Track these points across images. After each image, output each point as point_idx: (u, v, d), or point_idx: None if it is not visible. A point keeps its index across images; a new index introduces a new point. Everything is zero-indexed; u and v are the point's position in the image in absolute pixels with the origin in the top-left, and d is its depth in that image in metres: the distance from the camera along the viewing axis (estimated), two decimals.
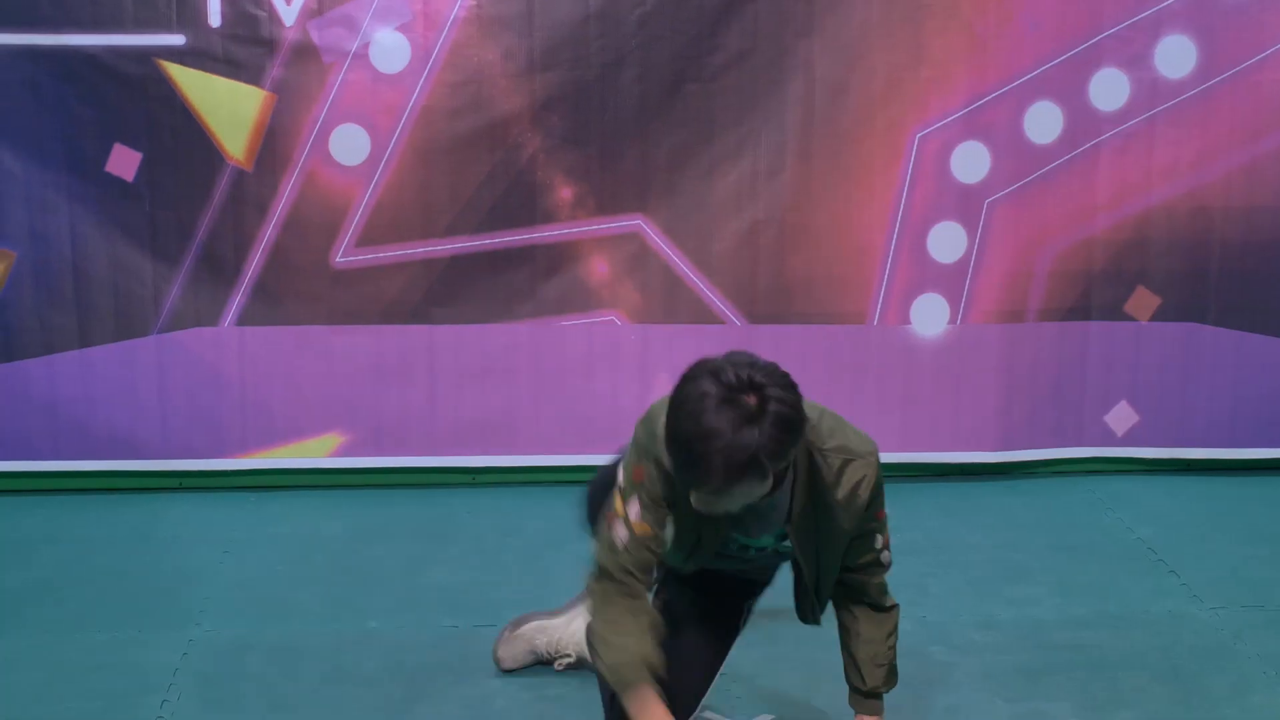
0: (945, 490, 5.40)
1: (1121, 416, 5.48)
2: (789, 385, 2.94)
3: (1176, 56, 5.24)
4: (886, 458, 3.36)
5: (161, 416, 5.28)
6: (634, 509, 3.14)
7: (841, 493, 3.15)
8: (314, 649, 4.17)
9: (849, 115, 5.21)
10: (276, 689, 3.94)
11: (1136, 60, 5.24)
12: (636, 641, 3.16)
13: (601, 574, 3.18)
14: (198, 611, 4.40)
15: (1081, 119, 5.26)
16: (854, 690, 3.41)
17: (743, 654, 3.71)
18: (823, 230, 5.27)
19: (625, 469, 3.18)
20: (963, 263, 5.32)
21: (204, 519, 5.14)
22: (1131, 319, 5.40)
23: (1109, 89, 5.25)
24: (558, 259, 5.27)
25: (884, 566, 3.34)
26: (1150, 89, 5.27)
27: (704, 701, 3.41)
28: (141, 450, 5.29)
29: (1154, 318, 5.40)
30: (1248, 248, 5.39)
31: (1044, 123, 5.24)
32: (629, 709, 3.15)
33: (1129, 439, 5.50)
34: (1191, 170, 5.33)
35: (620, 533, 3.16)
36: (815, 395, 5.32)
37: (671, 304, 5.31)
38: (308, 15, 5.11)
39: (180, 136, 5.13)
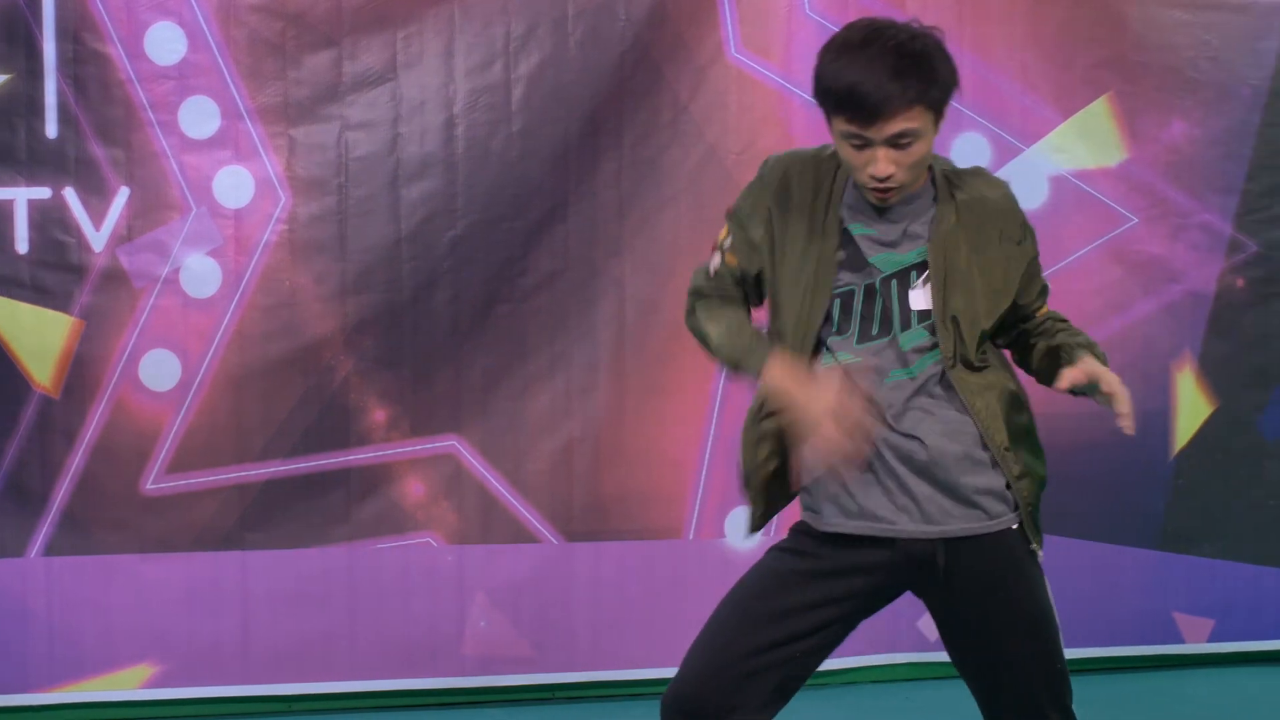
0: None
1: (932, 621, 5.53)
2: None
3: None
4: None
5: None
6: (729, 239, 3.27)
7: (988, 189, 3.25)
8: None
9: (661, 332, 5.30)
10: None
11: None
12: (735, 312, 3.26)
13: (697, 294, 3.32)
14: None
15: None
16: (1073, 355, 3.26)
17: None
18: (637, 446, 5.32)
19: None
20: None
21: None
22: None
23: None
24: (372, 481, 5.25)
25: (1048, 291, 3.44)
26: None
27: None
28: None
29: None
30: (1048, 453, 5.52)
31: None
32: (766, 376, 3.13)
33: (940, 644, 5.55)
34: None
35: (714, 261, 3.29)
36: (636, 613, 5.34)
37: (488, 524, 5.30)
38: (117, 241, 5.11)
39: None
